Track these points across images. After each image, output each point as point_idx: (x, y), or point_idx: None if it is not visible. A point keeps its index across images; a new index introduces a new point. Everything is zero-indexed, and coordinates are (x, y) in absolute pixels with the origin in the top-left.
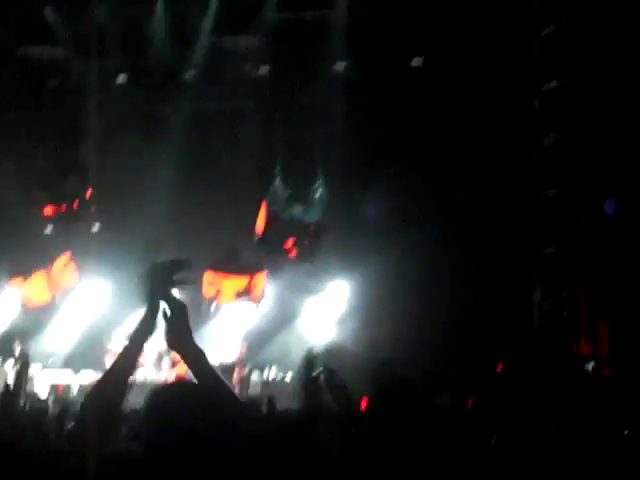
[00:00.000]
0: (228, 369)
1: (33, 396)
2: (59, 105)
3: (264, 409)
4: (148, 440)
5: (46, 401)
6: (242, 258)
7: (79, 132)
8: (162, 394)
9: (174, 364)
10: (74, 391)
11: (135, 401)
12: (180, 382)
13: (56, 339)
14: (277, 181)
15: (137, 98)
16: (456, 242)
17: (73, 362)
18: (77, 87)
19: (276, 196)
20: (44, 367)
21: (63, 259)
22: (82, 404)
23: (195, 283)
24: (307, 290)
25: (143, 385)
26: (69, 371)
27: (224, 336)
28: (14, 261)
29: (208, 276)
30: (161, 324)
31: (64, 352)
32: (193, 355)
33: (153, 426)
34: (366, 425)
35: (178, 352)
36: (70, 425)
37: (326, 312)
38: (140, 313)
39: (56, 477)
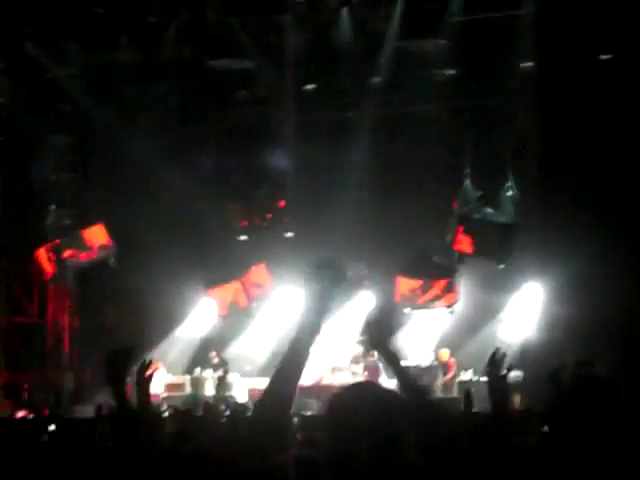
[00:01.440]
0: (423, 373)
1: (233, 403)
2: (249, 115)
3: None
4: (328, 444)
5: (246, 406)
6: (434, 260)
7: (270, 142)
8: (341, 398)
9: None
10: None
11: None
12: (359, 385)
13: (253, 347)
14: (467, 182)
15: (326, 105)
16: None
17: (270, 369)
18: (266, 97)
19: (466, 197)
20: (242, 375)
21: (258, 268)
22: (252, 412)
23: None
24: (501, 291)
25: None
26: (266, 379)
27: (419, 340)
28: (210, 271)
29: (402, 281)
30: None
31: (261, 359)
32: (389, 356)
33: (332, 430)
34: (558, 424)
35: (377, 351)
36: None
37: (521, 313)
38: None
39: None
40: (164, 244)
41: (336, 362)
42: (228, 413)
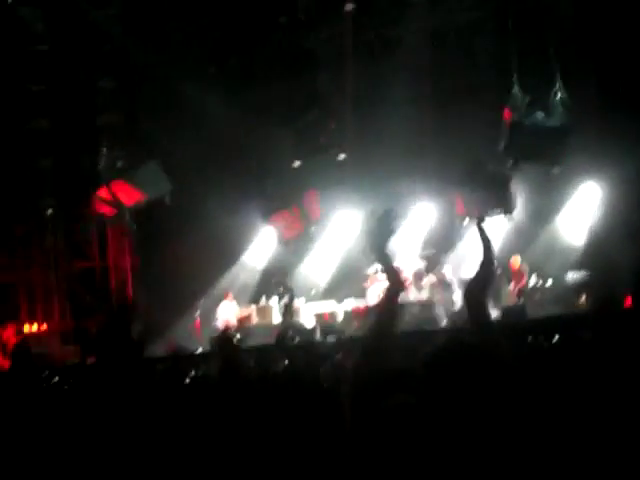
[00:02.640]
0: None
1: (301, 328)
2: (291, 41)
3: None
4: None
5: (313, 331)
6: (489, 169)
7: (315, 65)
8: (439, 354)
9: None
10: (339, 318)
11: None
12: (454, 341)
13: (315, 271)
14: (515, 88)
15: (365, 24)
16: None
17: (334, 292)
18: (307, 21)
19: (516, 103)
20: (307, 300)
21: (312, 192)
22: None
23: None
24: (558, 194)
25: (406, 305)
26: (332, 301)
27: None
28: (267, 200)
29: (458, 196)
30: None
31: (324, 283)
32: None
33: (433, 382)
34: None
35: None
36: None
37: (580, 214)
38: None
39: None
40: (217, 178)
41: None
42: (297, 339)
